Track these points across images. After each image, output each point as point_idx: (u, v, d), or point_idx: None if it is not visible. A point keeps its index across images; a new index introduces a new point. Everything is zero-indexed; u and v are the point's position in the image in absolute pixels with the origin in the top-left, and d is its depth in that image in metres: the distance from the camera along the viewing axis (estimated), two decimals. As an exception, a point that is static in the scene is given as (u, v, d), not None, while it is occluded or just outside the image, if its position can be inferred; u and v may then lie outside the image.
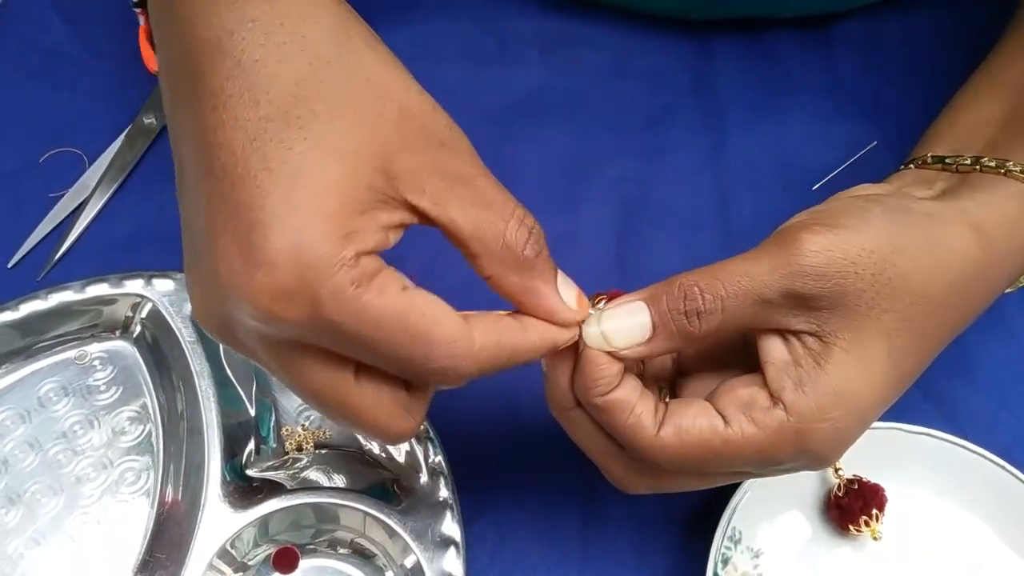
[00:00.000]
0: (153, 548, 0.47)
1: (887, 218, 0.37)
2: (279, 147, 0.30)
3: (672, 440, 0.35)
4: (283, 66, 0.31)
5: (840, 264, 0.35)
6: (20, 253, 0.57)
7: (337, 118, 0.30)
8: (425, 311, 0.31)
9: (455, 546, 0.46)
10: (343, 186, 0.30)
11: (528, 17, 0.67)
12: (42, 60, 0.65)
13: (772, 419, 0.35)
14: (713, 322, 0.35)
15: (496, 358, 0.33)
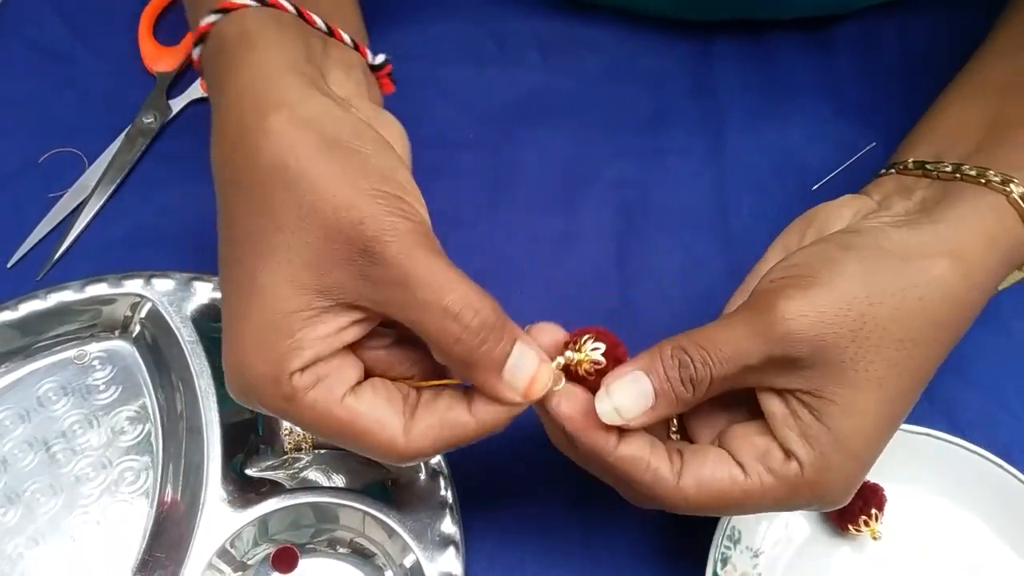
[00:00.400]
0: (152, 548, 0.47)
1: (861, 267, 0.37)
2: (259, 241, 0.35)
3: (693, 492, 0.37)
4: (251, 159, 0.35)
5: (818, 327, 0.36)
6: (19, 253, 0.57)
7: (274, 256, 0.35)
8: (355, 421, 0.35)
9: (455, 546, 0.46)
10: (278, 315, 0.34)
11: (528, 18, 0.67)
12: (42, 60, 0.65)
13: (789, 471, 0.37)
14: (704, 388, 0.37)
15: (435, 448, 0.36)
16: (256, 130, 0.35)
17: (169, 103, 0.63)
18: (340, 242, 0.34)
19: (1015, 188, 0.40)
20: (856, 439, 0.37)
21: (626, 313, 0.56)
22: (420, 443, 0.36)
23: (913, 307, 0.37)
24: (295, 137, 0.35)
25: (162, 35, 0.66)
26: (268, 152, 0.35)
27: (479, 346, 0.34)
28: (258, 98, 0.36)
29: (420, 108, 0.63)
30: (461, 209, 0.59)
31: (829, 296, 0.36)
